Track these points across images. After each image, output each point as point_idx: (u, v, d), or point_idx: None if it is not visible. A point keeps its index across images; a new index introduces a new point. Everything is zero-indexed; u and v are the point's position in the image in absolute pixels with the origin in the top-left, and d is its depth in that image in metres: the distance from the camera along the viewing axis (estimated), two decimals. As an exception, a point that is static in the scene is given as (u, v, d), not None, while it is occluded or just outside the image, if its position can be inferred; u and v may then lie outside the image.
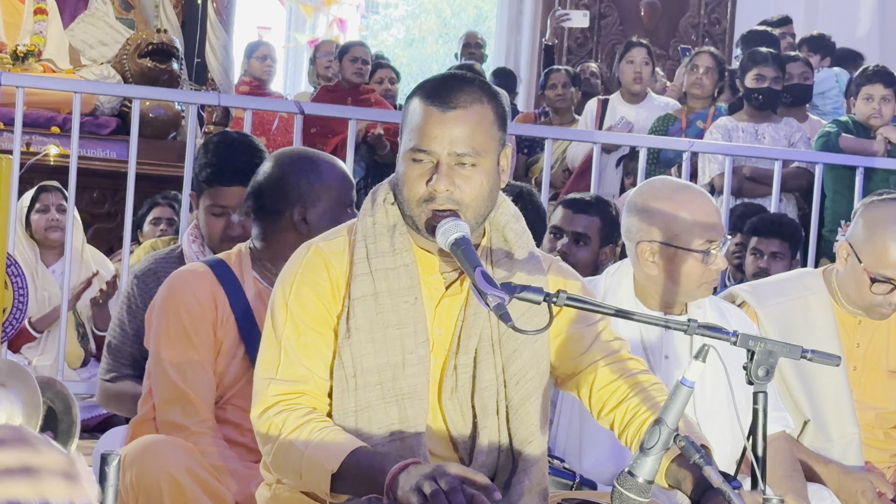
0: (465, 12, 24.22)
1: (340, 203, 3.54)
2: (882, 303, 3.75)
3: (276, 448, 2.60)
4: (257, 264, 3.54)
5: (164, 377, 3.40)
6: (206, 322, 3.43)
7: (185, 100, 7.13)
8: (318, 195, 3.53)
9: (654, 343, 3.48)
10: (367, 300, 2.64)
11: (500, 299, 2.42)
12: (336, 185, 3.56)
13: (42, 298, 6.33)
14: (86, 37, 8.41)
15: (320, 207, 3.53)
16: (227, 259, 3.54)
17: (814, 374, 3.76)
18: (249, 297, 3.47)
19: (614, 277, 3.53)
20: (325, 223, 3.43)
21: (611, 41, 11.49)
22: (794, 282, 3.96)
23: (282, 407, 2.61)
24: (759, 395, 2.49)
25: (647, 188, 3.52)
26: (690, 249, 3.39)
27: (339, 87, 8.79)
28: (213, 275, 3.48)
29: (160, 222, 6.81)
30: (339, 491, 2.52)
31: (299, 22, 17.41)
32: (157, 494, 3.13)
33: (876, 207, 3.79)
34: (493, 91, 2.67)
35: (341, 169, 3.62)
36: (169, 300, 3.45)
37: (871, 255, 3.71)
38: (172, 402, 3.39)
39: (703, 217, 3.41)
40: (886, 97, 7.03)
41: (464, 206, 2.59)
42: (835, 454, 3.81)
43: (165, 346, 3.42)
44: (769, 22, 9.48)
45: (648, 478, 2.34)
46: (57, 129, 7.75)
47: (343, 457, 2.49)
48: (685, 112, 7.80)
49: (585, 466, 3.38)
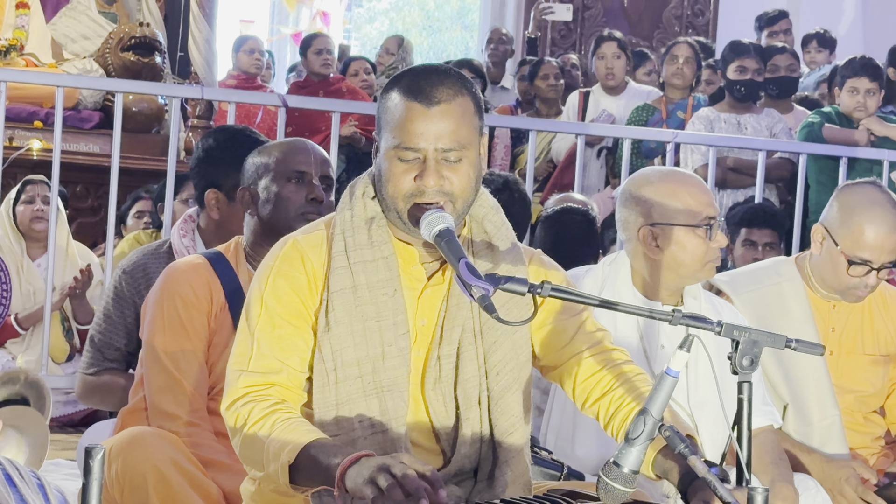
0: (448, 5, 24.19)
1: (282, 176, 3.57)
2: (858, 285, 3.78)
3: (242, 439, 2.60)
4: (249, 257, 3.57)
5: (158, 364, 3.41)
6: (201, 312, 3.45)
7: (169, 93, 7.12)
8: (259, 174, 3.59)
9: (650, 333, 3.49)
10: (345, 293, 2.64)
11: (484, 290, 2.42)
12: (275, 158, 3.60)
13: (27, 292, 6.32)
14: (68, 31, 8.38)
15: (261, 184, 3.58)
16: (225, 251, 3.57)
17: (792, 359, 3.77)
18: (245, 288, 3.48)
19: (612, 266, 3.54)
20: (267, 197, 3.54)
21: (594, 33, 11.45)
22: (767, 270, 4.00)
23: (249, 398, 2.61)
24: (743, 385, 2.50)
25: (637, 177, 3.54)
26: (693, 225, 3.41)
27: (310, 82, 8.78)
28: (210, 266, 3.51)
29: (144, 215, 6.80)
30: (298, 483, 2.51)
31: (282, 15, 17.35)
32: (142, 487, 3.13)
33: (851, 191, 3.83)
34: (468, 80, 2.68)
35: (287, 144, 3.68)
36: (165, 290, 3.47)
37: (847, 238, 3.74)
38: (164, 390, 3.39)
39: (700, 194, 3.45)
40: (872, 90, 7.05)
41: (453, 198, 2.60)
42: (816, 438, 3.82)
43: (160, 334, 3.43)
44: (765, 17, 9.47)
45: (633, 468, 2.35)
46: (40, 123, 7.72)
47: (299, 449, 2.48)
48: (664, 102, 7.81)
49: (578, 454, 3.39)
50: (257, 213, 3.57)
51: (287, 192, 3.56)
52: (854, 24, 12.03)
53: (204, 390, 3.42)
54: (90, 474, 2.00)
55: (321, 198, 3.58)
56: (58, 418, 6.06)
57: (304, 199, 3.56)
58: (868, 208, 3.74)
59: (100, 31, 8.41)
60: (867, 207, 3.74)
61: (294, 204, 3.55)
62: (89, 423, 5.37)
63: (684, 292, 3.53)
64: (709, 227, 3.41)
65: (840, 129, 6.99)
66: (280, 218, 3.53)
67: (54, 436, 5.68)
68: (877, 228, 3.72)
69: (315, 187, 3.59)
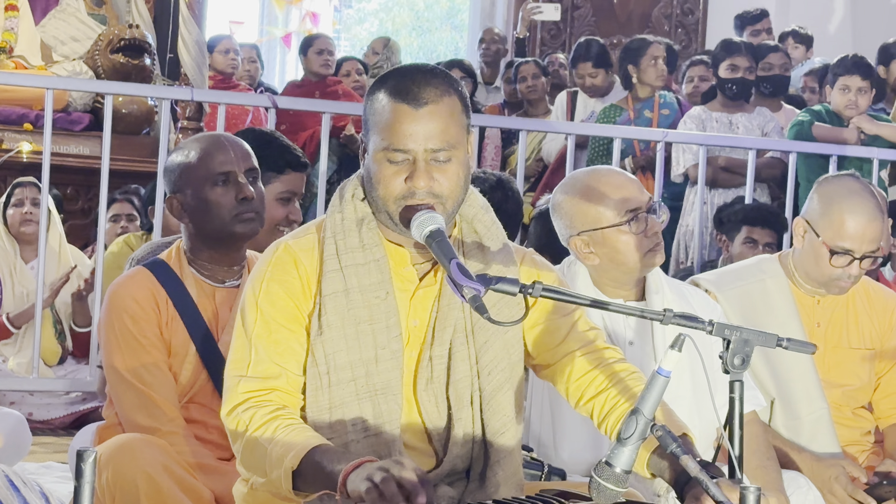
0: (438, 5, 24.18)
1: (206, 181, 3.45)
2: (841, 276, 3.79)
3: (244, 445, 2.60)
4: (191, 262, 3.50)
5: (123, 384, 3.37)
6: (151, 324, 3.39)
7: (158, 95, 7.11)
8: (182, 181, 3.49)
9: (618, 330, 3.48)
10: (338, 296, 2.64)
11: (475, 291, 2.42)
12: (194, 162, 3.47)
13: (20, 294, 6.32)
14: (57, 33, 8.37)
15: (188, 193, 3.47)
16: (167, 258, 3.50)
17: (778, 354, 3.76)
18: (193, 295, 3.44)
19: (571, 269, 3.53)
20: (196, 205, 3.43)
21: (584, 33, 11.45)
22: (751, 267, 4.02)
23: (250, 404, 2.61)
24: (735, 384, 2.50)
25: (558, 186, 3.55)
26: (616, 224, 3.39)
27: (307, 82, 8.78)
28: (152, 276, 3.44)
29: (120, 219, 6.78)
30: (300, 489, 2.52)
31: (272, 16, 17.35)
32: (133, 493, 3.11)
33: (830, 183, 3.86)
34: (454, 79, 2.68)
35: (204, 145, 3.51)
36: (111, 309, 3.41)
37: (828, 229, 3.76)
38: (136, 407, 3.35)
39: (615, 189, 3.41)
40: (863, 88, 7.06)
41: (443, 199, 2.59)
42: (805, 432, 3.83)
43: (117, 354, 3.38)
44: (746, 17, 9.49)
45: (626, 468, 2.35)
46: (29, 125, 7.71)
47: (303, 454, 2.48)
48: (630, 101, 7.80)
49: (563, 456, 3.38)
50: (190, 220, 3.47)
51: (215, 197, 3.43)
52: (843, 22, 12.03)
53: (174, 398, 3.37)
54: (82, 477, 2.00)
55: (251, 195, 3.45)
56: (49, 421, 6.06)
57: (234, 201, 3.43)
58: (847, 197, 3.75)
59: (89, 32, 8.40)
60: (846, 197, 3.75)
61: (225, 208, 3.43)
62: (80, 425, 5.36)
63: (647, 288, 3.51)
64: (633, 220, 3.39)
65: (830, 128, 7.00)
66: (215, 224, 3.43)
67: (46, 438, 5.67)
68: (857, 217, 3.73)
69: (243, 186, 3.45)
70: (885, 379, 4.00)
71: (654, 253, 3.43)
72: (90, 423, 4.58)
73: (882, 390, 4.01)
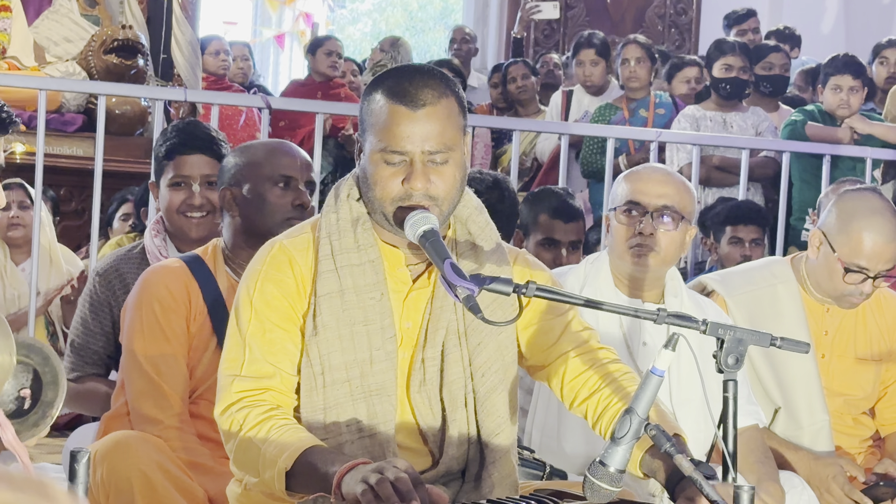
0: (431, 5, 24.19)
1: (268, 179, 3.54)
2: (854, 292, 3.76)
3: (237, 445, 2.59)
4: (228, 259, 3.54)
5: (138, 370, 3.39)
6: (179, 315, 3.43)
7: (152, 96, 7.09)
8: (242, 175, 3.56)
9: (633, 329, 3.50)
10: (332, 297, 2.63)
11: (469, 291, 2.42)
12: (260, 160, 3.57)
13: (12, 297, 6.30)
14: (50, 34, 8.35)
15: (245, 187, 3.55)
16: (202, 254, 3.55)
17: (784, 363, 3.77)
18: (224, 293, 3.47)
19: (594, 265, 3.56)
20: (251, 199, 3.51)
21: (577, 32, 11.47)
22: (762, 270, 3.98)
23: (244, 404, 2.60)
24: (728, 384, 2.49)
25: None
26: (614, 207, 3.52)
27: (311, 81, 8.80)
28: (187, 269, 3.49)
29: (130, 218, 6.78)
30: (294, 490, 2.51)
31: (265, 17, 17.35)
32: (128, 491, 3.12)
33: (851, 197, 3.80)
34: (452, 80, 2.68)
35: (273, 147, 3.65)
36: (143, 294, 3.45)
37: (845, 245, 3.72)
38: (146, 394, 3.38)
39: (641, 180, 3.52)
40: (855, 88, 7.05)
41: (439, 201, 2.59)
42: (805, 441, 3.82)
43: (139, 339, 3.41)
44: (733, 16, 9.51)
45: (620, 467, 2.35)
46: (22, 126, 7.67)
47: (297, 455, 2.48)
48: (625, 101, 7.81)
49: (566, 450, 3.39)
50: (240, 214, 3.55)
51: (273, 197, 3.53)
52: (837, 21, 12.05)
53: (186, 394, 3.41)
54: (75, 478, 2.00)
55: (307, 204, 3.57)
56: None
57: (290, 205, 3.54)
58: (868, 216, 3.71)
59: (82, 33, 8.38)
60: (867, 215, 3.71)
61: (280, 209, 3.52)
62: (74, 426, 5.35)
63: (665, 290, 3.53)
64: (629, 211, 3.47)
65: (823, 127, 7.00)
66: (265, 222, 3.51)
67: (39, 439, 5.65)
68: (875, 237, 3.69)
69: (302, 193, 3.56)
70: (892, 388, 3.99)
71: (639, 249, 3.45)
72: (84, 423, 4.58)
73: (888, 399, 4.00)
